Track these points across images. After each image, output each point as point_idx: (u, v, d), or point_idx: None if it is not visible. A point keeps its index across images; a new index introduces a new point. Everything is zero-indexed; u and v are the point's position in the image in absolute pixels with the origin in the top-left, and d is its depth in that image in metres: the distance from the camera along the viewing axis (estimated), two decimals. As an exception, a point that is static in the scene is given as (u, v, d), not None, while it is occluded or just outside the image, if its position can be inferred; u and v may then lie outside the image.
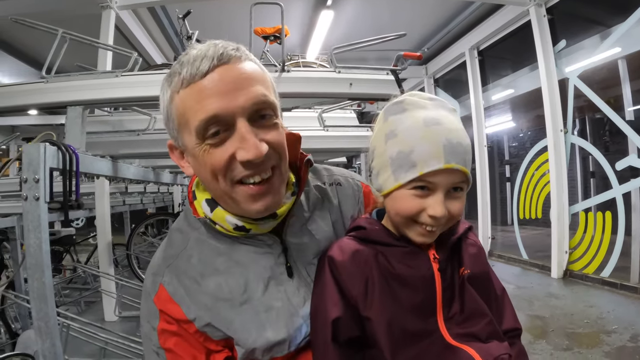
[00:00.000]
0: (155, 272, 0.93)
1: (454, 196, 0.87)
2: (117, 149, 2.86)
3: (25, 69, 7.71)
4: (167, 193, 7.25)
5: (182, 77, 0.81)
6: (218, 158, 0.82)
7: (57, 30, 2.39)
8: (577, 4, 5.63)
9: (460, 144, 0.86)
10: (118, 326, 4.05)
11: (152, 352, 0.91)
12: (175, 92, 0.83)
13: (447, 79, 8.83)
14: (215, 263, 0.91)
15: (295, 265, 0.95)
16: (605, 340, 3.54)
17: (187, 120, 0.82)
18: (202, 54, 0.81)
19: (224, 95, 0.80)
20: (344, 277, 0.89)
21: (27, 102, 2.38)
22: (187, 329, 0.88)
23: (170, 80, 0.85)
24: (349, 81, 2.45)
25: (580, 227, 5.52)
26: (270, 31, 4.03)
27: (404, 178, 0.87)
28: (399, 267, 0.90)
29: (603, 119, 6.08)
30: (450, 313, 0.89)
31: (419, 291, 0.88)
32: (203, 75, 0.80)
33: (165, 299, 0.89)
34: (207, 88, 0.80)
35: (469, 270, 0.92)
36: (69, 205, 2.22)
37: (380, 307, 0.86)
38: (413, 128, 0.87)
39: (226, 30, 4.20)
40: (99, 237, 4.77)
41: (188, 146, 0.85)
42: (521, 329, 1.00)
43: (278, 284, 0.92)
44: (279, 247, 0.94)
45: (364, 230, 0.95)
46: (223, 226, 0.91)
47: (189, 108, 0.81)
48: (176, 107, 0.83)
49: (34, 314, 2.03)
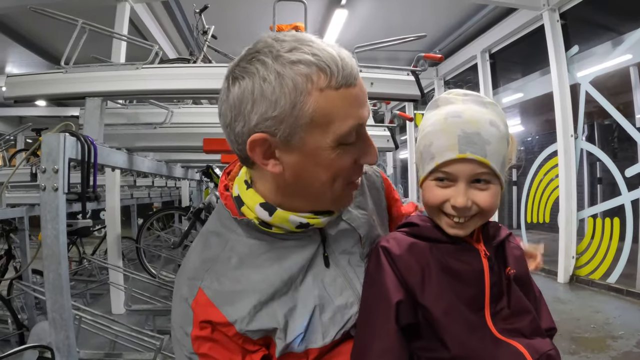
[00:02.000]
0: (192, 277, 0.91)
1: (479, 187, 0.89)
2: (133, 142, 2.84)
3: (36, 60, 7.71)
4: (175, 187, 7.27)
5: (335, 78, 0.79)
6: (347, 161, 0.85)
7: (76, 21, 2.38)
8: (590, 10, 5.60)
9: (477, 134, 0.87)
10: (125, 319, 4.03)
11: (185, 357, 0.89)
12: (317, 89, 0.78)
13: (458, 81, 8.80)
14: (256, 262, 0.91)
15: (334, 255, 0.95)
16: (611, 345, 3.55)
17: (330, 121, 0.80)
18: (348, 62, 0.81)
19: (365, 104, 0.85)
20: (401, 267, 0.90)
21: (45, 91, 2.37)
22: (226, 332, 0.87)
23: (306, 73, 0.78)
24: (370, 80, 2.43)
25: (587, 232, 5.51)
26: (286, 29, 4.01)
27: (426, 169, 0.92)
28: (451, 261, 0.91)
29: (612, 125, 6.06)
30: (497, 308, 0.91)
31: (470, 285, 0.90)
32: (354, 84, 0.81)
33: (204, 303, 0.88)
34: (359, 97, 0.83)
35: (514, 270, 0.95)
36: (86, 197, 2.22)
37: (437, 296, 0.88)
38: (435, 122, 0.93)
39: (243, 27, 4.20)
40: (109, 230, 4.78)
41: (311, 144, 0.82)
42: (556, 329, 1.02)
43: (316, 274, 0.93)
44: (319, 238, 0.95)
45: (417, 227, 0.97)
46: (283, 226, 0.90)
47: (339, 110, 0.80)
48: (316, 104, 0.79)
49: (48, 305, 2.02)
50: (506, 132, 0.93)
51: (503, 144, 0.91)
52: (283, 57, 0.78)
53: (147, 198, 6.97)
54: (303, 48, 0.79)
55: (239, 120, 0.82)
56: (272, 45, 0.80)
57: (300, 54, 0.78)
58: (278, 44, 0.80)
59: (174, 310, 0.94)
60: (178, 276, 0.97)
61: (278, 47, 0.79)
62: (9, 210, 3.72)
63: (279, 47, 0.80)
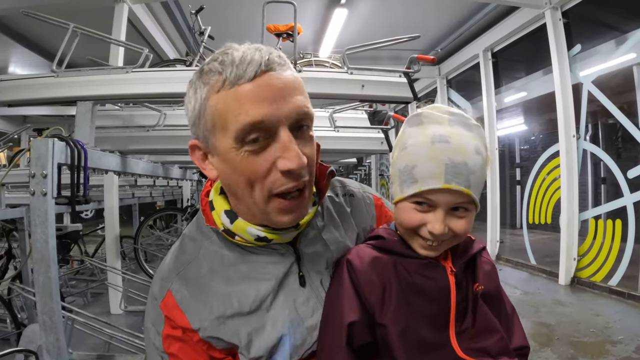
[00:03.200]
0: (164, 278, 0.93)
1: (457, 215, 0.88)
2: (126, 145, 2.86)
3: (39, 61, 7.75)
4: (177, 187, 7.29)
5: (225, 77, 0.79)
6: (258, 165, 0.81)
7: (68, 25, 2.39)
8: (593, 8, 5.53)
9: (465, 164, 0.85)
10: (123, 319, 4.08)
11: (157, 355, 0.91)
12: (213, 92, 0.81)
13: (460, 80, 8.75)
14: (226, 273, 0.91)
15: (309, 275, 0.94)
16: (610, 350, 3.50)
17: (225, 122, 0.80)
18: (249, 58, 0.80)
19: (270, 102, 0.79)
20: (362, 283, 0.89)
21: (37, 95, 2.38)
22: (191, 337, 0.88)
23: (208, 79, 0.82)
24: (360, 83, 2.43)
25: (589, 234, 5.46)
26: (283, 29, 4.01)
27: (406, 192, 0.89)
28: (416, 277, 0.90)
29: (616, 125, 5.99)
30: (463, 327, 0.89)
31: (435, 302, 0.88)
32: (249, 79, 0.79)
33: (171, 306, 0.89)
34: (253, 93, 0.79)
35: (483, 286, 0.93)
36: (76, 201, 2.23)
37: (396, 315, 0.87)
38: (420, 144, 0.88)
39: (238, 27, 4.19)
40: (107, 230, 4.80)
41: (220, 148, 0.83)
42: (529, 348, 1.00)
43: (288, 293, 0.91)
44: (292, 256, 0.94)
45: (383, 240, 0.95)
46: (243, 237, 0.90)
47: (230, 110, 0.79)
48: (214, 107, 0.81)
49: (39, 308, 2.05)
50: (487, 157, 0.91)
51: (485, 171, 0.90)
52: (201, 71, 0.85)
53: (149, 197, 7.00)
54: (219, 57, 0.83)
55: None
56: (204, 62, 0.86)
57: (212, 64, 0.83)
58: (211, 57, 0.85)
59: (147, 308, 0.96)
60: (155, 275, 0.99)
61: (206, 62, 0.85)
62: (8, 211, 3.74)
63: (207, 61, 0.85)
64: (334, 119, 3.27)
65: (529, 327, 4.06)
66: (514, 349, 0.95)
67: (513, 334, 0.98)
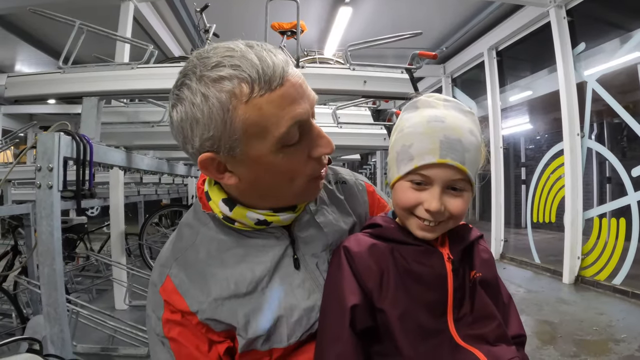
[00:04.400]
0: (163, 264, 0.95)
1: (453, 194, 0.89)
2: (131, 140, 2.89)
3: (44, 59, 7.80)
4: (182, 184, 7.31)
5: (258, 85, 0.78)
6: (296, 161, 0.84)
7: (74, 22, 2.42)
8: (597, 7, 5.52)
9: (459, 141, 0.87)
10: (128, 315, 4.11)
11: (157, 341, 0.93)
12: (242, 102, 0.78)
13: (464, 78, 8.74)
14: (223, 257, 0.93)
15: (303, 258, 0.96)
16: (613, 349, 3.49)
17: (264, 129, 0.80)
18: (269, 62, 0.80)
19: (301, 99, 0.82)
20: (360, 268, 0.89)
21: (43, 91, 2.42)
22: (190, 320, 0.90)
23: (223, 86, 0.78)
24: (363, 79, 2.44)
25: (593, 232, 5.44)
26: (287, 26, 4.02)
27: (402, 170, 0.90)
28: (413, 264, 0.90)
29: (621, 124, 5.98)
30: (460, 314, 0.89)
31: (432, 289, 0.89)
32: (281, 84, 0.79)
33: (170, 290, 0.91)
34: (290, 95, 0.80)
35: (480, 274, 0.93)
36: (81, 195, 2.26)
37: (394, 300, 0.87)
38: (416, 124, 0.91)
39: (243, 25, 4.21)
40: (112, 227, 4.83)
41: (253, 155, 0.82)
42: (526, 336, 1.00)
43: (284, 275, 0.93)
44: (287, 239, 0.95)
45: (380, 228, 0.96)
46: (243, 222, 0.92)
47: (270, 116, 0.79)
48: (245, 116, 0.79)
49: (43, 299, 2.07)
50: (481, 142, 0.93)
51: (479, 154, 0.91)
52: (205, 77, 0.79)
53: (155, 195, 7.02)
54: (225, 62, 0.79)
55: (187, 143, 0.84)
56: (195, 66, 0.81)
57: (221, 70, 0.78)
58: (202, 62, 0.80)
59: (148, 295, 0.98)
60: (154, 264, 1.00)
61: (201, 67, 0.80)
62: (15, 207, 3.78)
63: (202, 66, 0.80)
64: (337, 116, 3.28)
65: (532, 325, 4.06)
66: (511, 337, 0.95)
67: (509, 323, 0.98)
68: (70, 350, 2.12)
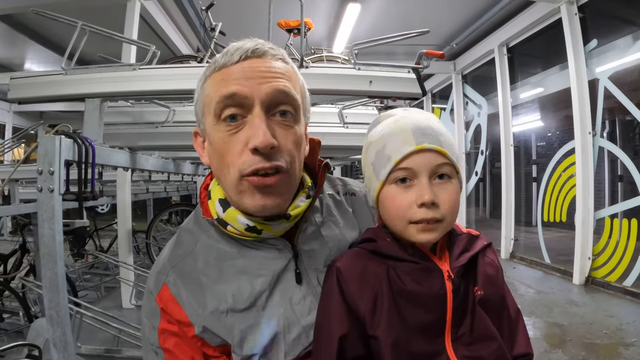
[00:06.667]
0: (159, 271, 0.93)
1: (442, 184, 0.85)
2: (135, 141, 2.87)
3: (53, 58, 7.83)
4: (192, 182, 7.32)
5: (216, 64, 0.86)
6: (232, 145, 0.84)
7: (76, 23, 2.40)
8: (609, 3, 5.42)
9: (430, 127, 0.87)
10: (134, 314, 4.13)
11: (151, 350, 0.91)
12: (207, 77, 0.88)
13: (475, 75, 8.64)
14: (222, 267, 0.91)
15: (306, 272, 0.93)
16: (623, 353, 3.43)
17: (210, 101, 0.86)
18: (240, 45, 0.86)
19: (248, 80, 0.83)
20: (352, 292, 0.86)
21: (46, 93, 2.40)
22: (187, 332, 0.88)
23: (206, 70, 0.90)
24: (368, 78, 2.40)
25: (605, 233, 5.34)
26: (293, 24, 3.99)
27: (383, 174, 0.87)
28: (409, 283, 0.86)
29: (633, 122, 5.86)
30: (459, 333, 0.85)
31: (429, 310, 0.85)
32: (234, 63, 0.85)
33: (167, 299, 0.89)
34: (234, 72, 0.84)
35: (482, 291, 0.88)
36: (84, 197, 2.25)
37: (388, 326, 0.83)
38: (384, 129, 0.91)
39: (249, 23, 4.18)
40: (119, 226, 4.85)
41: (207, 130, 0.88)
42: (532, 355, 0.95)
43: (284, 290, 0.90)
44: (290, 253, 0.93)
45: (374, 243, 0.92)
46: (235, 227, 0.89)
47: (214, 90, 0.85)
48: (204, 91, 0.89)
49: (46, 303, 2.07)
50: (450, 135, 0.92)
51: (453, 139, 0.90)
52: None
53: (164, 192, 7.03)
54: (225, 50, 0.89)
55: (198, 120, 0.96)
56: None
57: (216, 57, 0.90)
58: None
59: (144, 302, 0.97)
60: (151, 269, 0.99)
61: None
62: (22, 206, 3.81)
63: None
64: (343, 115, 3.24)
65: (541, 328, 4.01)
66: (517, 356, 0.92)
67: (516, 341, 0.93)
68: (72, 353, 2.12)
